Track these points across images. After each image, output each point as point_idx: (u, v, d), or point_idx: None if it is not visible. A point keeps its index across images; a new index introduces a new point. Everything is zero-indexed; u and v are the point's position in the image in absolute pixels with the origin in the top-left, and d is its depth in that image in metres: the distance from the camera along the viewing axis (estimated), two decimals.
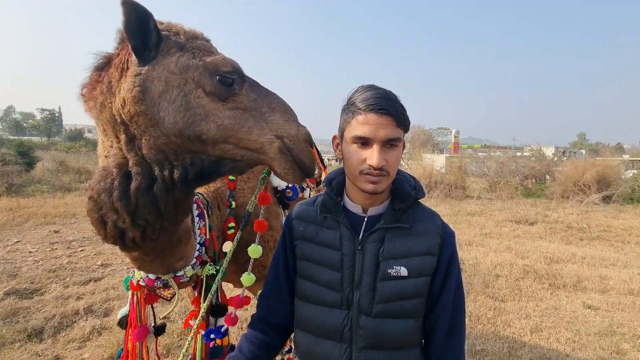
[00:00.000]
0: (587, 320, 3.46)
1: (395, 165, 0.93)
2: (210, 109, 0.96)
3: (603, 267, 4.96)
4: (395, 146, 0.92)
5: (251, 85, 1.04)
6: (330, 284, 0.97)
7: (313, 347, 1.00)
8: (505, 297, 3.95)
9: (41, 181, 10.88)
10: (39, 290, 3.88)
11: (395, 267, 0.93)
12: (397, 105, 0.91)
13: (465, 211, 8.93)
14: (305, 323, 1.03)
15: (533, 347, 2.98)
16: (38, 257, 4.88)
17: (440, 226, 1.00)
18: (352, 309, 0.95)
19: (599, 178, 11.13)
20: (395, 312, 0.94)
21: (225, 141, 0.97)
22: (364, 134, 0.89)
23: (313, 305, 1.00)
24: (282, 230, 1.11)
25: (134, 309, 1.38)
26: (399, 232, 0.96)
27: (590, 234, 6.81)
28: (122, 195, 0.95)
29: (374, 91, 0.92)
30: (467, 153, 23.24)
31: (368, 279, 0.94)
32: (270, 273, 1.11)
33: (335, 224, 1.00)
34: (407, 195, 0.99)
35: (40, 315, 3.29)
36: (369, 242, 0.96)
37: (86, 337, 3.00)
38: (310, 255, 1.01)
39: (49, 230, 6.25)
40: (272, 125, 1.01)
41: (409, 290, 0.94)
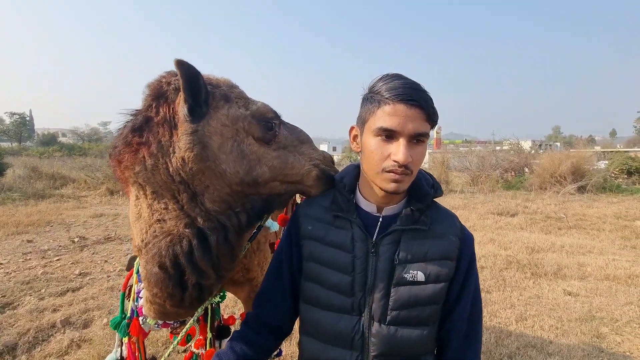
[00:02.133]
0: (568, 307, 3.57)
1: (419, 164, 0.87)
2: (261, 154, 1.00)
3: (581, 255, 5.14)
4: (422, 142, 0.85)
5: (282, 124, 1.10)
6: (340, 287, 0.90)
7: (321, 354, 0.93)
8: (490, 288, 4.03)
9: (12, 189, 10.34)
10: (11, 304, 3.66)
11: (412, 271, 0.87)
12: (428, 97, 0.84)
13: (449, 205, 9.09)
14: (312, 328, 0.96)
15: (519, 336, 3.04)
16: (10, 269, 4.62)
17: (459, 228, 0.94)
18: (364, 315, 0.89)
19: (574, 169, 11.57)
20: (410, 319, 0.88)
21: (274, 179, 1.01)
22: (391, 126, 0.82)
23: (321, 309, 0.93)
24: (287, 227, 1.03)
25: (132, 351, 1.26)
26: (416, 234, 0.90)
27: (567, 223, 7.06)
28: (205, 254, 0.93)
29: (403, 80, 0.85)
30: (449, 148, 23.70)
31: (382, 283, 0.88)
32: (272, 272, 1.04)
33: (346, 223, 0.93)
34: (426, 195, 0.93)
35: (12, 330, 3.11)
36: (383, 244, 0.89)
37: (64, 351, 2.85)
38: (318, 256, 0.94)
39: (22, 240, 5.94)
40: (306, 156, 1.07)
41: (426, 296, 0.88)
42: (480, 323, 0.96)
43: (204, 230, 0.93)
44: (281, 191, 1.04)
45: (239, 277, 1.32)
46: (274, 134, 1.03)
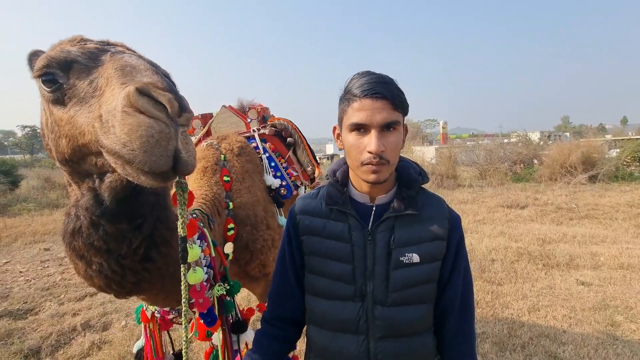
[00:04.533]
0: (581, 297, 3.54)
1: (395, 151, 0.91)
2: (58, 121, 0.85)
3: (593, 244, 5.08)
4: (394, 129, 0.89)
5: (85, 70, 0.83)
6: (342, 276, 0.95)
7: (329, 342, 0.98)
8: (501, 280, 4.01)
9: (27, 199, 10.61)
10: (33, 309, 3.79)
11: (407, 254, 0.93)
12: (393, 88, 0.89)
13: (458, 200, 9.03)
14: (319, 318, 1.01)
15: (531, 326, 3.04)
16: (29, 277, 4.77)
17: (447, 210, 1.00)
18: (367, 300, 0.94)
19: (584, 159, 11.36)
20: (409, 299, 0.94)
21: (80, 152, 0.86)
22: (360, 120, 0.87)
23: (326, 299, 0.98)
24: (286, 225, 1.07)
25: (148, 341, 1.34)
26: (408, 219, 0.96)
27: (579, 214, 6.96)
28: (85, 236, 0.96)
29: (369, 76, 0.90)
30: (456, 143, 23.48)
31: (380, 268, 0.93)
32: (277, 270, 1.09)
33: (342, 215, 0.98)
34: (414, 182, 0.98)
35: (36, 334, 3.22)
36: (379, 232, 0.95)
37: (86, 353, 2.95)
38: (319, 249, 0.99)
39: (39, 248, 6.10)
40: (100, 106, 0.79)
41: (422, 276, 0.94)
42: (472, 296, 1.03)
43: (72, 214, 0.94)
44: (108, 168, 0.84)
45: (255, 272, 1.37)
46: (61, 91, 0.83)
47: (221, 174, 1.62)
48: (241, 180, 1.70)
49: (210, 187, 1.53)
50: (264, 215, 1.69)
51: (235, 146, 1.85)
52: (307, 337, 1.06)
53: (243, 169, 1.76)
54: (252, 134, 2.11)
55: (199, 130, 2.21)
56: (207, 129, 2.20)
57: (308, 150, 2.28)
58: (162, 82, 0.71)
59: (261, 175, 1.88)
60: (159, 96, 0.68)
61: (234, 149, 1.83)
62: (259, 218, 1.65)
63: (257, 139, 2.05)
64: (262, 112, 2.29)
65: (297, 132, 2.29)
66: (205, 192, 1.50)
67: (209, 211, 1.44)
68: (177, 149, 0.71)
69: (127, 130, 0.67)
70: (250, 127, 2.21)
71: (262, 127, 2.20)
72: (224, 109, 2.24)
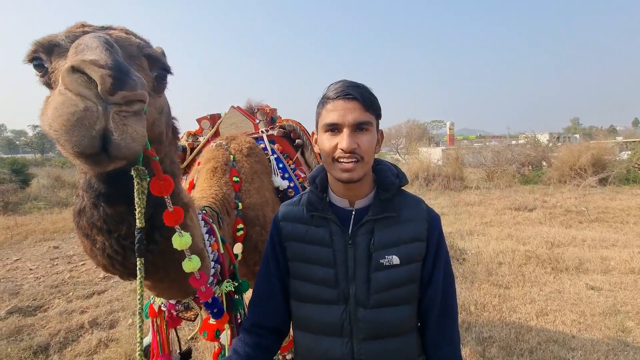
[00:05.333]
0: (591, 301, 3.48)
1: (368, 150, 0.92)
2: None
3: (604, 248, 4.99)
4: (366, 130, 0.92)
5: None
6: (326, 281, 0.97)
7: (314, 345, 0.99)
8: (509, 283, 3.96)
9: (37, 198, 10.78)
10: (42, 306, 3.85)
11: (387, 256, 0.95)
12: (364, 90, 0.94)
13: (465, 202, 8.96)
14: (304, 322, 1.02)
15: (539, 331, 2.99)
16: (39, 274, 4.84)
17: (426, 211, 1.02)
18: (350, 303, 0.96)
19: (595, 161, 11.18)
20: (391, 300, 0.95)
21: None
22: (333, 120, 0.91)
23: (310, 304, 1.00)
24: (270, 232, 1.09)
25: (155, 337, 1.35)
26: (387, 222, 0.97)
27: (589, 217, 6.85)
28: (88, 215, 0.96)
29: (343, 82, 0.96)
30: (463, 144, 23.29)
31: (362, 271, 0.96)
32: (261, 277, 1.09)
33: (323, 221, 1.00)
34: (391, 184, 1.00)
35: (44, 331, 3.27)
36: (359, 235, 0.97)
37: (93, 350, 2.98)
38: (301, 255, 1.01)
39: (49, 246, 6.20)
40: None
41: (403, 277, 0.96)
42: (454, 294, 1.04)
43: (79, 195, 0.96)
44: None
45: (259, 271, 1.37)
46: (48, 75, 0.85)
47: (230, 175, 1.63)
48: (250, 181, 1.71)
49: (220, 187, 1.54)
50: (272, 216, 1.70)
51: (244, 147, 1.86)
52: (294, 341, 1.08)
53: (252, 170, 1.77)
54: (261, 135, 2.12)
55: (207, 130, 2.23)
56: (216, 130, 2.21)
57: (316, 152, 2.29)
58: (105, 59, 0.65)
59: (269, 176, 1.89)
60: (92, 72, 0.63)
61: (243, 150, 1.84)
62: (267, 219, 1.65)
63: (265, 140, 2.06)
64: (270, 113, 2.30)
65: (306, 134, 2.29)
66: (216, 192, 1.51)
67: (218, 210, 1.45)
68: (106, 129, 0.65)
69: (52, 109, 0.64)
70: (258, 128, 2.22)
71: (270, 128, 2.20)
72: (232, 109, 2.26)
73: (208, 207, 1.41)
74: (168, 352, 1.39)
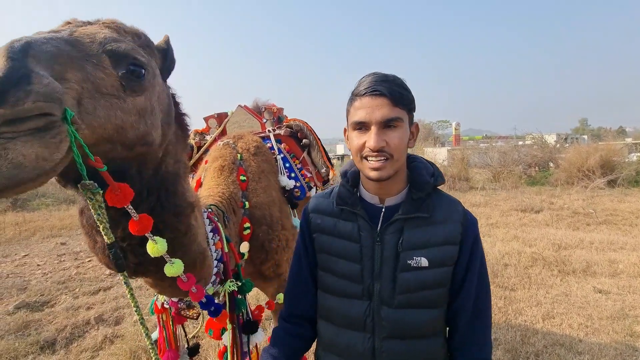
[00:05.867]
0: (598, 305, 3.44)
1: (398, 147, 0.89)
2: None
3: (612, 251, 4.92)
4: (395, 127, 0.89)
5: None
6: (350, 275, 0.97)
7: (336, 337, 1.00)
8: (515, 285, 3.93)
9: (45, 194, 10.92)
10: (49, 302, 3.90)
11: (415, 257, 0.92)
12: (394, 85, 0.89)
13: (470, 202, 8.89)
14: (328, 313, 1.03)
15: (546, 334, 2.96)
16: (46, 270, 4.91)
17: (462, 213, 0.97)
18: (374, 300, 0.95)
19: (603, 162, 11.02)
20: (416, 302, 0.93)
21: None
22: (361, 118, 0.89)
23: (335, 296, 1.00)
24: (300, 223, 1.10)
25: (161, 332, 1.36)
26: (418, 222, 0.94)
27: (597, 219, 6.76)
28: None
29: (372, 76, 0.92)
30: (469, 145, 23.13)
31: (388, 270, 0.94)
32: (293, 268, 1.11)
33: (352, 215, 0.99)
34: (425, 184, 0.96)
35: (51, 326, 3.31)
36: (387, 234, 0.95)
37: (98, 346, 3.01)
38: (329, 247, 1.01)
39: (56, 242, 6.28)
40: None
41: (430, 281, 0.93)
42: (488, 302, 0.99)
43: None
44: None
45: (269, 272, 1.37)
46: None
47: (238, 173, 1.63)
48: (257, 180, 1.71)
49: (227, 186, 1.54)
50: (279, 215, 1.70)
51: (251, 146, 1.87)
52: (317, 331, 1.08)
53: (259, 169, 1.77)
54: (268, 134, 2.12)
55: (214, 129, 2.24)
56: (223, 128, 2.21)
57: (323, 152, 2.29)
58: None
59: (276, 175, 1.89)
60: None
61: (251, 149, 1.84)
62: (274, 218, 1.65)
63: (272, 140, 2.06)
64: (277, 113, 2.30)
65: (313, 134, 2.28)
66: (223, 190, 1.51)
67: (225, 209, 1.45)
68: None
69: None
70: (265, 127, 2.22)
71: (277, 128, 2.20)
72: (239, 108, 2.26)
73: (214, 205, 1.41)
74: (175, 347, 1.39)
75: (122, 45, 0.81)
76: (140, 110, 0.85)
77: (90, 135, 0.70)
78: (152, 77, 0.90)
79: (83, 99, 0.69)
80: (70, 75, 0.68)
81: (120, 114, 0.78)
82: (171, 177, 1.02)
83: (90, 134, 0.70)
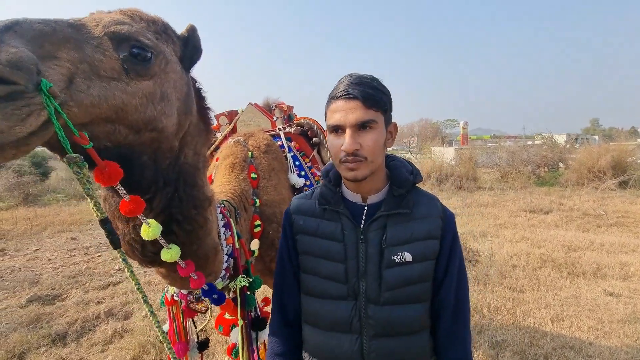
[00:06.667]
0: (609, 308, 3.38)
1: (372, 149, 0.90)
2: None
3: (623, 254, 4.84)
4: (370, 128, 0.89)
5: None
6: (335, 276, 0.97)
7: (322, 340, 0.99)
8: (523, 287, 3.89)
9: (56, 190, 11.12)
10: (60, 296, 3.97)
11: (399, 253, 0.93)
12: (367, 87, 0.90)
13: (478, 202, 8.81)
14: (312, 317, 1.02)
15: (555, 337, 2.93)
16: (57, 264, 4.99)
17: (441, 209, 1.00)
18: (360, 299, 0.95)
19: (615, 163, 10.82)
20: (403, 298, 0.94)
21: None
22: (335, 121, 0.90)
23: (319, 299, 1.00)
24: (282, 225, 1.09)
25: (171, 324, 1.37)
26: (400, 218, 0.96)
27: (608, 221, 6.65)
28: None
29: (348, 78, 0.93)
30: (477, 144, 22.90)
31: (373, 267, 0.94)
32: (277, 272, 1.10)
33: (335, 215, 0.99)
34: (405, 181, 0.98)
35: (62, 320, 3.37)
36: (371, 231, 0.96)
37: (108, 340, 3.06)
38: (312, 248, 1.00)
39: (67, 237, 6.38)
40: None
41: (415, 275, 0.94)
42: (467, 294, 1.01)
43: None
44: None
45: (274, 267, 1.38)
46: None
47: (249, 171, 1.64)
48: (268, 177, 1.72)
49: (239, 183, 1.55)
50: None
51: (262, 144, 1.87)
52: (303, 336, 1.07)
53: (270, 167, 1.78)
54: (278, 132, 2.13)
55: (225, 127, 2.25)
56: (233, 126, 2.23)
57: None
58: None
59: (286, 173, 1.89)
60: None
61: (261, 147, 1.85)
62: None
63: (282, 138, 2.06)
64: (287, 111, 2.31)
65: (323, 132, 2.28)
66: (234, 187, 1.52)
67: (236, 205, 1.46)
68: None
69: None
70: (275, 126, 2.23)
71: (287, 126, 2.21)
72: (250, 106, 2.27)
73: (226, 201, 1.42)
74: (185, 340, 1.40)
75: (124, 27, 0.80)
76: (148, 94, 0.84)
77: (81, 114, 0.69)
78: (164, 63, 0.89)
79: (76, 78, 0.69)
80: (63, 54, 0.67)
81: (121, 95, 0.77)
82: (190, 169, 1.02)
83: (82, 113, 0.69)
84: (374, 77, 0.94)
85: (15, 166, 10.54)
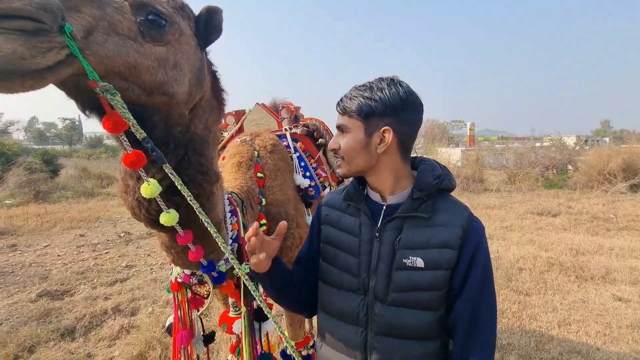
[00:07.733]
0: (617, 313, 3.34)
1: (346, 151, 0.98)
2: None
3: (633, 258, 4.76)
4: (345, 132, 0.99)
5: None
6: (348, 268, 1.01)
7: (333, 328, 1.04)
8: (530, 290, 3.85)
9: (65, 187, 11.28)
10: (69, 291, 4.04)
11: (411, 257, 0.93)
12: (349, 98, 0.99)
13: (485, 204, 8.74)
14: (326, 305, 1.08)
15: (561, 341, 2.90)
16: (66, 260, 5.08)
17: (466, 218, 0.94)
18: (368, 295, 0.98)
19: (625, 166, 10.64)
20: (410, 302, 0.94)
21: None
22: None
23: (333, 288, 1.05)
24: (313, 216, 1.17)
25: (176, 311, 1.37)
26: (418, 222, 0.95)
27: (617, 224, 6.54)
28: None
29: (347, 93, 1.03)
30: (484, 145, 22.70)
31: (384, 266, 0.96)
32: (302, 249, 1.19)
33: (356, 211, 1.04)
34: (427, 184, 0.97)
35: (71, 315, 3.43)
36: (386, 230, 0.97)
37: (115, 336, 3.11)
38: (332, 239, 1.06)
39: (75, 234, 6.48)
40: None
41: (425, 282, 0.92)
42: (489, 312, 0.95)
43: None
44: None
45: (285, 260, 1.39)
46: None
47: (255, 170, 1.66)
48: (273, 177, 1.73)
49: (245, 181, 1.57)
50: (295, 213, 1.72)
51: (268, 143, 1.89)
52: (317, 322, 1.13)
53: (276, 167, 1.79)
54: (284, 132, 2.14)
55: (232, 126, 2.27)
56: (240, 126, 2.25)
57: None
58: None
59: (292, 174, 1.90)
60: None
61: (267, 146, 1.87)
62: (290, 216, 1.67)
63: (288, 138, 2.07)
64: (294, 112, 2.32)
65: (329, 133, 2.29)
66: (241, 184, 1.55)
67: (243, 199, 1.48)
68: None
69: None
70: (282, 126, 2.24)
71: (294, 127, 2.22)
72: (257, 106, 2.29)
73: (234, 193, 1.46)
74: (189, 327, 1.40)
75: None
76: (160, 59, 0.90)
77: (97, 64, 0.75)
78: (178, 33, 0.96)
79: (95, 31, 0.75)
80: (86, 9, 0.74)
81: (135, 54, 0.83)
82: (199, 139, 1.09)
83: (98, 63, 0.75)
84: (375, 84, 0.96)
85: (26, 163, 10.74)
